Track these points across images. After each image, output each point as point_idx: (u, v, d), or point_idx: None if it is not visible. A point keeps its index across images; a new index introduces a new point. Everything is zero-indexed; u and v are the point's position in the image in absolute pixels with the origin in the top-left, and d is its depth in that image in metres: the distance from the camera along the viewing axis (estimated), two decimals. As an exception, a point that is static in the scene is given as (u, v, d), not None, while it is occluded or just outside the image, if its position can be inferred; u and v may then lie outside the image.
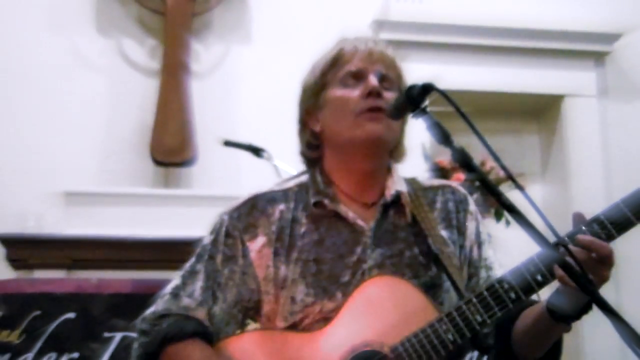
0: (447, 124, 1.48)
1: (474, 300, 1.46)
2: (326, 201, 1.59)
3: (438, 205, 1.67)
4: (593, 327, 4.10)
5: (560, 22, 4.55)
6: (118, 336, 2.92)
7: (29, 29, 4.14)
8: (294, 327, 1.53)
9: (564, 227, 1.49)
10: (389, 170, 1.67)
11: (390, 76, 1.62)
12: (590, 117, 4.62)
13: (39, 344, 2.86)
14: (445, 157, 3.83)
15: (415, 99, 1.46)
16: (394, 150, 1.68)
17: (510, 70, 4.53)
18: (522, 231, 1.40)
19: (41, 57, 4.10)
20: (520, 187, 1.41)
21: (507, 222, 3.52)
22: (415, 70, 1.73)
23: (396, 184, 1.64)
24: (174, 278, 1.63)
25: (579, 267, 1.32)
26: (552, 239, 1.38)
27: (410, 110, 1.47)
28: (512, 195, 1.45)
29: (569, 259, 1.33)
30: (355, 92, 1.58)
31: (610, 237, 1.44)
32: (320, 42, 1.75)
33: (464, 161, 1.42)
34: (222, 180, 4.12)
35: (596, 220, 1.45)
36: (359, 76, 1.60)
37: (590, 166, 4.52)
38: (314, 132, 1.65)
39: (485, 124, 1.62)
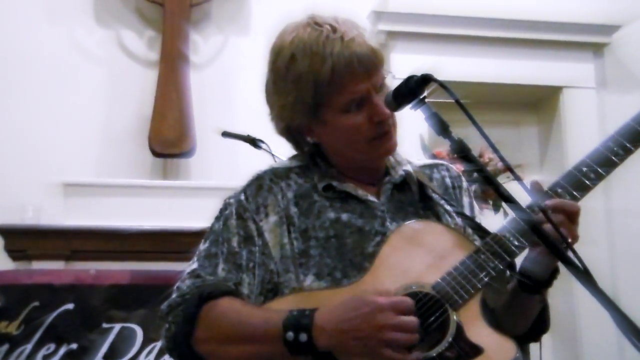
0: (445, 115, 1.49)
1: (508, 227, 1.46)
2: (334, 183, 1.58)
3: (435, 182, 1.69)
4: (590, 318, 4.12)
5: (559, 13, 4.55)
6: (117, 327, 2.93)
7: (28, 20, 4.13)
8: None
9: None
10: None
11: (383, 79, 1.58)
12: (588, 108, 4.62)
13: (37, 335, 2.87)
14: (443, 148, 3.83)
15: (414, 89, 1.46)
16: None
17: (508, 61, 4.52)
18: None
19: (40, 48, 4.09)
20: (518, 178, 1.42)
21: (505, 213, 3.52)
22: (414, 61, 1.73)
23: (401, 164, 1.65)
24: (188, 266, 1.58)
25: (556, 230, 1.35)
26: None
27: (409, 101, 1.48)
28: (510, 186, 1.46)
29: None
30: (362, 118, 1.54)
31: (573, 198, 1.48)
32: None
33: (462, 152, 1.43)
34: (221, 171, 4.11)
35: (557, 184, 1.49)
36: (362, 101, 1.54)
37: (589, 157, 4.52)
38: (307, 139, 1.63)
39: (483, 115, 1.63)
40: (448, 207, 1.63)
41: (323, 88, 1.51)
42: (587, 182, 1.49)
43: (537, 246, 1.47)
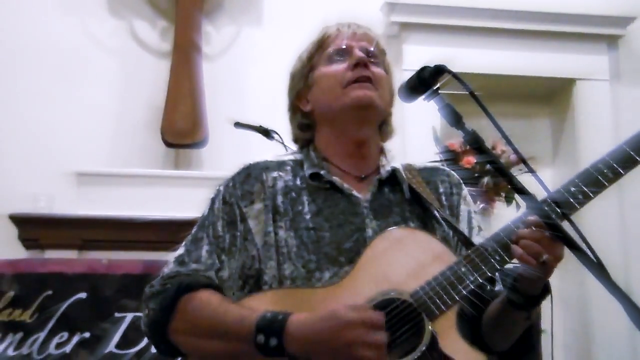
0: (458, 107, 1.49)
1: (492, 242, 1.46)
2: (322, 172, 1.62)
3: (432, 185, 1.69)
4: (602, 310, 4.11)
5: (573, 5, 4.52)
6: (129, 316, 2.94)
7: (41, 11, 4.14)
8: None
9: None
10: (382, 152, 1.71)
11: (375, 52, 1.67)
12: (602, 100, 4.60)
13: (51, 323, 2.88)
14: (455, 140, 3.83)
15: (427, 80, 1.46)
16: (382, 126, 1.71)
17: (522, 53, 4.50)
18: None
19: (53, 38, 4.11)
20: (531, 170, 1.42)
21: (518, 206, 3.51)
22: (426, 53, 1.74)
23: (390, 162, 1.67)
24: (177, 249, 1.63)
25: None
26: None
27: (423, 92, 1.48)
28: (523, 178, 1.45)
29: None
30: (342, 66, 1.64)
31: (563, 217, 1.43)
32: (331, 24, 1.77)
33: (475, 144, 1.43)
34: (233, 162, 4.06)
35: (544, 201, 1.44)
36: (344, 52, 1.66)
37: (602, 150, 4.47)
38: (305, 112, 1.71)
39: (496, 107, 1.62)
40: (436, 214, 1.62)
41: (315, 50, 1.69)
42: (602, 180, 1.49)
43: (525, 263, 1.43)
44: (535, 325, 1.61)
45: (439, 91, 1.49)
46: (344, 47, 1.66)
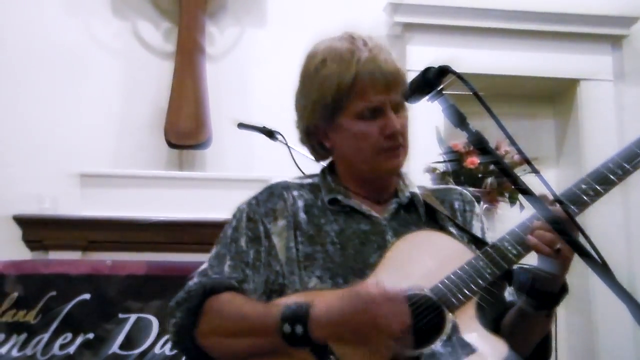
0: (462, 108, 1.49)
1: (507, 237, 1.51)
2: (340, 197, 1.64)
3: (446, 204, 1.73)
4: (606, 310, 4.10)
5: (577, 5, 4.51)
6: (133, 317, 2.94)
7: (45, 12, 4.15)
8: None
9: (579, 211, 1.49)
10: (399, 175, 1.73)
11: (402, 101, 1.62)
12: (606, 101, 4.59)
13: (55, 324, 2.88)
14: (459, 141, 3.82)
15: (431, 81, 1.46)
16: None
17: (526, 53, 4.49)
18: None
19: (56, 39, 4.11)
20: (535, 170, 1.42)
21: (521, 206, 3.50)
22: (430, 54, 1.73)
23: (409, 187, 1.70)
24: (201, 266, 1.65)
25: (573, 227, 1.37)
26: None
27: (426, 93, 1.48)
28: (527, 179, 1.45)
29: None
30: (373, 128, 1.60)
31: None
32: (335, 25, 1.74)
33: (479, 144, 1.43)
34: (236, 163, 4.13)
35: (555, 199, 1.47)
36: (377, 111, 1.60)
37: (606, 151, 4.39)
38: (323, 144, 1.69)
39: (500, 107, 1.63)
40: (454, 230, 1.66)
41: (344, 92, 1.58)
42: (612, 177, 1.54)
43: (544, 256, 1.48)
44: (550, 335, 1.64)
45: (443, 92, 1.49)
46: (377, 106, 1.60)
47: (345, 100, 1.59)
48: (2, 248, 3.43)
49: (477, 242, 1.63)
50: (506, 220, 1.80)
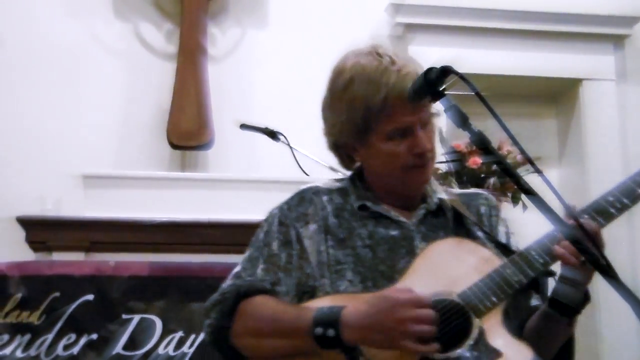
0: (464, 108, 1.49)
1: (534, 246, 1.55)
2: (369, 203, 1.67)
3: (472, 209, 1.76)
4: (610, 310, 4.10)
5: (578, 5, 4.51)
6: (136, 318, 2.94)
7: (47, 13, 4.16)
8: None
9: (582, 211, 1.50)
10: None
11: (430, 116, 1.65)
12: (608, 101, 4.59)
13: (58, 325, 2.89)
14: (461, 141, 3.82)
15: (433, 82, 1.47)
16: None
17: (528, 53, 4.49)
18: (539, 215, 1.41)
19: (59, 41, 4.12)
20: (538, 170, 1.42)
21: (524, 206, 3.50)
22: (432, 54, 1.74)
23: (436, 192, 1.73)
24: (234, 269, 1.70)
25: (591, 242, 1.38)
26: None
27: (429, 94, 1.48)
28: (529, 179, 1.45)
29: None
30: (402, 147, 1.62)
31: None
32: (337, 26, 1.75)
33: (482, 144, 1.43)
34: (239, 163, 4.13)
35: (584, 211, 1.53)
36: (406, 131, 1.62)
37: (608, 150, 4.49)
38: (352, 157, 1.72)
39: (502, 107, 1.63)
40: (480, 234, 1.70)
41: (373, 114, 1.60)
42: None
43: (568, 266, 1.53)
44: (573, 339, 1.67)
45: (445, 92, 1.50)
46: (406, 127, 1.62)
47: (375, 122, 1.61)
48: (6, 249, 3.43)
49: (502, 248, 1.66)
50: (508, 220, 1.80)
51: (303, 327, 1.47)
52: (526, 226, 2.10)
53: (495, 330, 1.50)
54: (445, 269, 1.57)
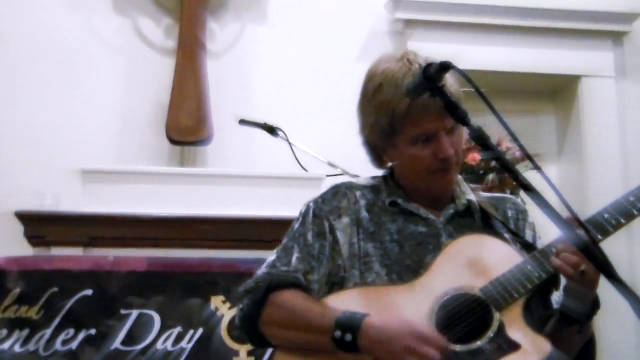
0: (462, 104, 1.49)
1: (554, 242, 1.60)
2: (399, 200, 1.74)
3: (500, 212, 1.81)
4: (609, 310, 4.10)
5: (578, 1, 4.51)
6: (134, 313, 2.94)
7: (46, 8, 4.15)
8: None
9: (580, 208, 1.50)
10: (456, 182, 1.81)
11: (455, 123, 1.66)
12: (607, 97, 4.59)
13: (57, 320, 2.89)
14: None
15: (432, 77, 1.47)
16: None
17: (527, 50, 4.49)
18: (538, 211, 1.41)
19: (58, 35, 4.11)
20: (537, 167, 1.42)
21: (523, 203, 3.50)
22: (431, 50, 1.74)
23: (465, 193, 1.79)
24: (269, 257, 1.78)
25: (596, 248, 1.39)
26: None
27: (428, 89, 1.48)
28: (528, 175, 1.46)
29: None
30: (426, 152, 1.68)
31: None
32: (336, 22, 1.76)
33: (481, 140, 1.43)
34: (238, 159, 4.13)
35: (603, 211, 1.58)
36: (430, 137, 1.68)
37: (607, 147, 4.49)
38: (382, 158, 1.79)
39: (501, 104, 1.63)
40: (507, 235, 1.74)
41: (399, 119, 1.66)
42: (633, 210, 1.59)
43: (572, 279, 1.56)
44: (593, 340, 1.72)
45: (444, 88, 1.50)
46: (431, 133, 1.67)
47: (400, 126, 1.67)
48: (4, 244, 3.43)
49: (529, 248, 1.69)
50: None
51: (325, 327, 1.54)
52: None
53: (515, 324, 1.55)
54: (469, 264, 1.62)
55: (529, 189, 1.38)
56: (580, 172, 4.48)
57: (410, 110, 1.64)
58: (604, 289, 1.34)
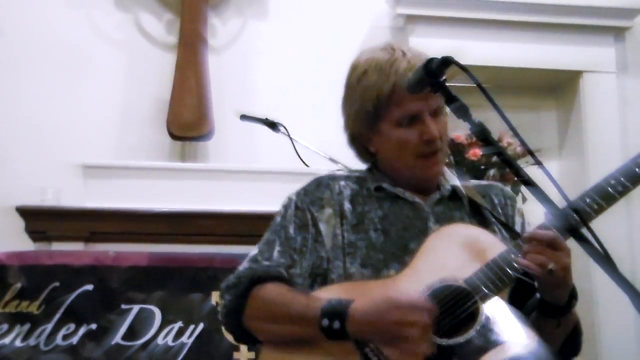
0: (464, 99, 1.49)
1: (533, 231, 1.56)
2: (385, 185, 1.73)
3: (487, 199, 1.79)
4: (609, 304, 4.11)
5: (580, -3, 4.51)
6: (135, 308, 2.95)
7: (47, 4, 4.15)
8: None
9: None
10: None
11: (439, 103, 1.68)
12: (608, 93, 4.58)
13: (58, 315, 2.89)
14: (461, 132, 3.82)
15: (434, 72, 1.47)
16: None
17: (528, 45, 4.49)
18: (539, 206, 1.41)
19: (58, 31, 4.11)
20: (538, 162, 1.42)
21: (524, 198, 3.51)
22: (432, 45, 1.74)
23: (449, 181, 1.77)
24: (251, 251, 1.75)
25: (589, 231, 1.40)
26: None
27: (429, 84, 1.48)
28: (529, 170, 1.46)
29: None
30: (412, 134, 1.67)
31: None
32: (338, 17, 1.76)
33: (482, 135, 1.44)
34: (239, 154, 4.13)
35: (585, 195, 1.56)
36: (415, 118, 1.67)
37: (608, 143, 4.48)
38: (368, 149, 1.78)
39: (502, 99, 1.63)
40: (494, 221, 1.73)
41: (383, 101, 1.66)
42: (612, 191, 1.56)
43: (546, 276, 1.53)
44: (579, 329, 1.70)
45: (446, 83, 1.50)
46: (415, 113, 1.67)
47: (385, 109, 1.67)
48: (5, 239, 3.43)
49: (517, 236, 1.67)
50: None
51: (311, 317, 1.52)
52: (526, 217, 2.10)
53: (501, 315, 1.53)
54: (452, 255, 1.60)
55: (530, 184, 1.38)
56: (582, 168, 4.48)
57: (394, 91, 1.64)
58: (603, 283, 1.34)
